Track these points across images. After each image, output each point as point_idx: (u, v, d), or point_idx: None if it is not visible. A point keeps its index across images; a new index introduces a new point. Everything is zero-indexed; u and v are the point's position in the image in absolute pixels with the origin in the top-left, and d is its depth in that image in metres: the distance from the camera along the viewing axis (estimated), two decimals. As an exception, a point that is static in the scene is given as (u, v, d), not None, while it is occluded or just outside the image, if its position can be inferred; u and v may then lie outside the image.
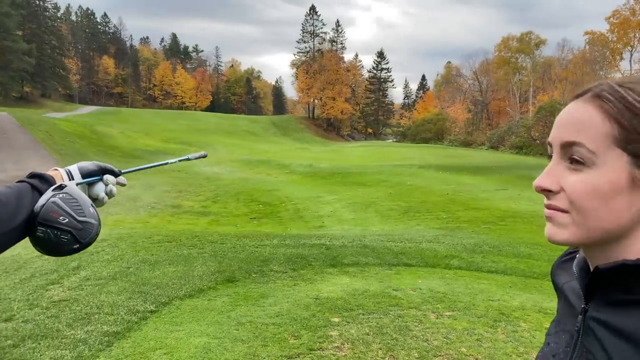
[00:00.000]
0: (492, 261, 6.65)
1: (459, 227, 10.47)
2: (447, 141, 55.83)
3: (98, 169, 1.12)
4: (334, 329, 4.32)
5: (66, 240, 0.93)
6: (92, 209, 1.00)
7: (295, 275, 5.91)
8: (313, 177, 23.38)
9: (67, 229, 0.93)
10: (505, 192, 16.00)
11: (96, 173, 1.12)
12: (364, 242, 7.63)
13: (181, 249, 6.97)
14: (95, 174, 1.12)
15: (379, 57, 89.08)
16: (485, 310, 4.83)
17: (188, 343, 4.01)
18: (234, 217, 14.37)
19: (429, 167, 24.00)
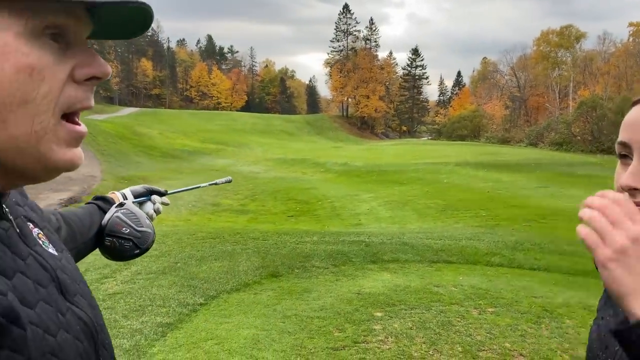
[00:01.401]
0: (534, 258, 6.60)
1: (499, 225, 10.38)
2: (484, 138, 54.89)
3: (146, 191, 1.37)
4: (377, 323, 4.42)
5: (128, 247, 1.12)
6: (147, 220, 1.19)
7: (337, 271, 6.03)
8: (348, 175, 23.46)
9: (128, 238, 1.12)
10: (546, 190, 15.70)
11: (145, 194, 1.34)
12: (403, 239, 7.68)
13: (225, 245, 7.19)
14: (144, 194, 1.33)
15: (414, 54, 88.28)
16: (528, 306, 4.83)
17: (237, 334, 4.18)
18: (272, 215, 14.62)
19: (466, 164, 23.73)
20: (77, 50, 0.61)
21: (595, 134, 39.10)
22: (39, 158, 0.60)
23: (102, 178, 21.09)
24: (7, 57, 0.55)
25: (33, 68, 0.57)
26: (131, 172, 23.63)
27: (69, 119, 0.61)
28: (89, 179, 19.49)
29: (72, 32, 0.60)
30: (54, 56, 0.58)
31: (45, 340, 0.59)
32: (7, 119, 0.57)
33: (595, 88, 55.51)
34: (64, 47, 0.60)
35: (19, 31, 0.56)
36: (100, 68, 0.62)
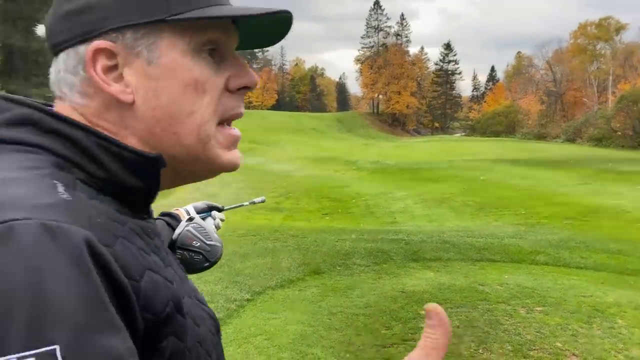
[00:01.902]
0: (580, 257, 6.47)
1: (539, 223, 10.18)
2: (519, 134, 53.73)
3: (207, 207, 1.45)
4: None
5: (198, 260, 1.16)
6: (216, 235, 1.24)
7: (378, 269, 6.04)
8: (381, 173, 23.34)
9: (199, 251, 1.15)
10: (587, 187, 15.29)
11: (206, 210, 1.41)
12: (443, 237, 7.63)
13: (266, 242, 7.29)
14: (205, 210, 1.40)
15: (446, 49, 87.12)
16: (577, 306, 4.74)
17: (285, 330, 4.24)
18: (306, 212, 14.68)
19: (502, 161, 23.31)
20: (230, 62, 0.67)
21: (636, 128, 37.80)
22: (207, 162, 0.66)
23: (140, 176, 21.58)
24: (175, 74, 0.62)
25: (197, 82, 0.62)
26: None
27: (224, 126, 0.67)
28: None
29: (225, 46, 0.66)
30: (212, 69, 0.64)
31: (195, 330, 0.62)
32: (178, 131, 0.63)
33: (636, 82, 53.62)
34: (219, 60, 0.65)
35: (183, 49, 0.62)
36: (250, 78, 0.67)
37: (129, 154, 0.60)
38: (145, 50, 0.61)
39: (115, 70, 0.61)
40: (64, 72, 0.62)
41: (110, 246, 0.50)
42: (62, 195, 0.52)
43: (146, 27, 0.60)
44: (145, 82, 0.61)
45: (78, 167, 0.58)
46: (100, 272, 0.47)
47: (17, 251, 0.44)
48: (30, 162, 0.55)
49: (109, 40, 0.60)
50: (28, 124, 0.59)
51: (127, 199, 0.61)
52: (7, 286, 0.42)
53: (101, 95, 0.62)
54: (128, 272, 0.51)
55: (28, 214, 0.46)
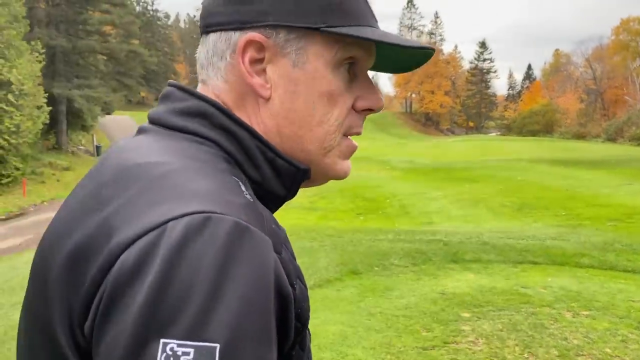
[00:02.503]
0: (628, 260, 6.24)
1: (581, 225, 9.88)
2: (557, 133, 52.33)
3: None
4: (466, 324, 4.34)
5: None
6: None
7: (417, 270, 5.97)
8: (415, 173, 23.12)
9: None
10: (631, 187, 14.76)
11: None
12: (482, 238, 7.49)
13: (302, 242, 7.31)
14: None
15: (481, 46, 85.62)
16: (627, 311, 4.58)
17: (325, 330, 4.24)
18: (341, 212, 14.67)
19: (540, 161, 22.75)
20: (361, 82, 0.68)
21: (683, 127, 36.29)
22: (323, 168, 0.67)
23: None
24: (315, 82, 0.63)
25: (332, 94, 0.64)
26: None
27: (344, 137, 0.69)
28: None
29: (361, 65, 0.67)
30: (346, 85, 0.65)
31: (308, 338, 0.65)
32: (304, 135, 0.64)
33: (682, 78, 51.51)
34: (352, 78, 0.66)
35: (328, 60, 0.63)
36: (377, 102, 0.68)
37: (282, 162, 0.62)
38: (293, 52, 0.62)
39: (260, 63, 0.63)
40: (212, 55, 0.64)
41: (280, 253, 0.52)
42: (246, 195, 0.54)
43: (300, 31, 0.62)
44: (285, 82, 0.62)
45: (240, 166, 0.61)
46: (274, 279, 0.48)
47: (210, 243, 0.45)
48: (205, 155, 0.58)
49: (263, 35, 0.61)
50: (203, 116, 0.61)
51: (265, 202, 0.62)
52: (192, 273, 0.44)
53: (241, 84, 0.63)
54: (290, 279, 0.53)
55: (224, 210, 0.48)
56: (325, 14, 0.61)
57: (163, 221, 0.46)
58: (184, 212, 0.47)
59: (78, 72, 29.20)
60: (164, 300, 0.43)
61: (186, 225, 0.46)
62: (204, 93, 0.65)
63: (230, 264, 0.45)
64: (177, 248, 0.45)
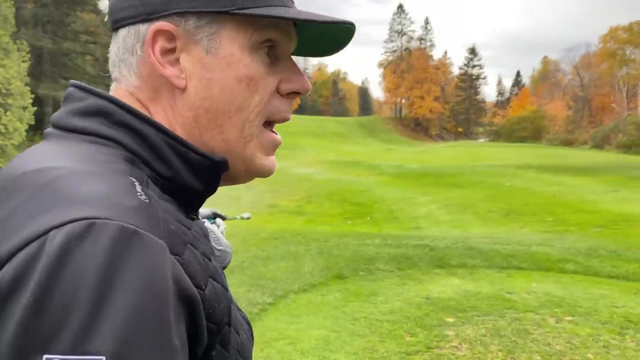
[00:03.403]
0: (612, 266, 6.28)
1: (568, 231, 9.95)
2: (545, 140, 52.86)
3: (212, 214, 1.44)
4: (450, 329, 4.33)
5: None
6: (225, 240, 1.22)
7: (403, 275, 5.96)
8: (404, 178, 23.17)
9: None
10: (616, 194, 14.92)
11: (210, 217, 1.40)
12: (469, 244, 7.50)
13: (288, 246, 7.27)
14: (210, 217, 1.39)
15: (470, 53, 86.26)
16: (609, 316, 4.59)
17: (308, 335, 4.20)
18: (328, 217, 14.65)
19: (528, 167, 22.92)
20: (284, 65, 0.65)
21: (668, 135, 36.81)
22: (244, 161, 0.65)
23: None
24: (231, 67, 0.60)
25: (251, 79, 0.61)
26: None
27: (267, 129, 0.66)
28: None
29: (282, 47, 0.65)
30: (267, 69, 0.63)
31: (236, 338, 0.61)
32: (223, 124, 0.62)
33: (667, 87, 52.26)
34: (274, 61, 0.64)
35: (243, 43, 0.61)
36: (302, 84, 0.66)
37: (195, 155, 0.60)
38: (205, 38, 0.60)
39: (172, 54, 0.60)
40: (123, 51, 0.62)
41: (180, 255, 0.50)
42: (140, 196, 0.51)
43: (210, 16, 0.60)
44: (200, 70, 0.60)
45: (146, 164, 0.58)
46: (172, 284, 0.46)
47: (92, 250, 0.43)
48: (104, 156, 0.55)
49: (172, 23, 0.59)
50: (102, 115, 0.59)
51: (183, 199, 0.61)
52: (74, 284, 0.41)
53: (154, 77, 0.61)
54: (196, 281, 0.50)
55: (109, 214, 0.45)
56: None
57: (43, 231, 0.44)
58: (66, 219, 0.44)
59: (65, 73, 28.98)
60: (44, 315, 0.41)
61: (67, 234, 0.43)
62: (117, 92, 0.63)
63: (116, 271, 0.42)
64: (57, 258, 0.42)
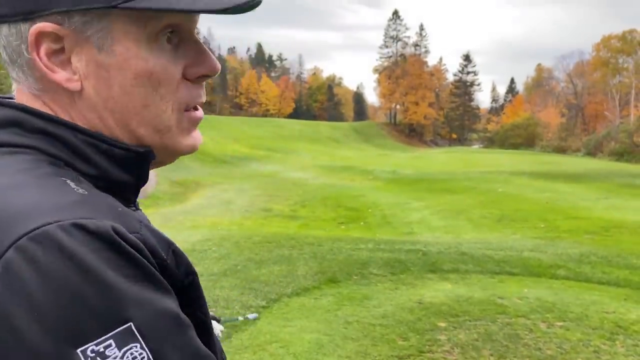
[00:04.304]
0: (602, 272, 6.33)
1: (559, 237, 10.00)
2: (538, 147, 53.14)
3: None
4: (442, 334, 4.35)
5: None
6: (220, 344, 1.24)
7: (395, 279, 5.98)
8: (397, 183, 23.23)
9: None
10: (608, 201, 15.03)
11: None
12: (461, 249, 7.54)
13: (282, 250, 7.27)
14: None
15: (465, 59, 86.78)
16: (599, 322, 4.63)
17: (301, 338, 4.21)
18: (322, 221, 14.64)
19: (521, 174, 23.04)
20: (188, 48, 0.61)
21: (659, 143, 37.14)
22: (164, 149, 0.62)
23: (157, 182, 21.76)
24: (128, 64, 0.57)
25: (151, 73, 0.58)
26: (185, 176, 24.29)
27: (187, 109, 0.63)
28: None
29: (183, 29, 0.60)
30: (169, 58, 0.59)
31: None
32: (130, 123, 0.59)
33: (659, 95, 52.76)
34: (176, 45, 0.60)
35: (138, 36, 0.57)
36: (210, 66, 0.62)
37: (119, 150, 0.58)
38: (95, 35, 0.55)
39: (62, 53, 0.56)
40: (11, 51, 0.58)
41: (137, 232, 0.51)
42: (77, 190, 0.52)
43: (97, 11, 0.55)
44: (95, 70, 0.57)
45: (69, 165, 0.56)
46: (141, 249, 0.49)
47: (60, 255, 0.45)
48: (26, 164, 0.54)
49: (55, 23, 0.55)
50: (14, 125, 0.57)
51: (118, 193, 0.59)
52: (67, 287, 0.44)
53: (49, 79, 0.57)
54: (156, 253, 0.52)
55: (56, 217, 0.47)
56: None
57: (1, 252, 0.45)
58: (17, 236, 0.45)
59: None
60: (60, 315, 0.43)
61: (24, 250, 0.45)
62: (22, 96, 0.60)
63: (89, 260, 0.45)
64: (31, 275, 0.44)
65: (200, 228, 11.51)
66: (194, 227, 11.99)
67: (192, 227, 11.47)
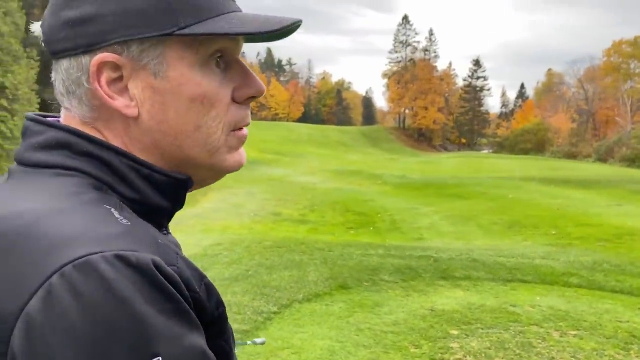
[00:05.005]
0: (616, 280, 6.28)
1: (571, 244, 9.93)
2: (549, 152, 52.78)
3: None
4: (454, 341, 4.33)
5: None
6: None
7: (406, 286, 5.96)
8: (406, 188, 23.17)
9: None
10: (620, 208, 14.89)
11: None
12: (472, 256, 7.50)
13: (292, 255, 7.28)
14: None
15: (475, 64, 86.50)
16: (614, 331, 4.59)
17: (313, 344, 4.21)
18: (331, 226, 14.64)
19: (531, 179, 22.90)
20: (235, 71, 0.64)
21: (671, 149, 36.74)
22: (211, 169, 0.65)
23: (168, 185, 21.91)
24: (182, 89, 0.60)
25: (204, 96, 0.61)
26: (195, 180, 24.40)
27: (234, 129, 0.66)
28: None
29: (231, 52, 0.64)
30: (219, 81, 0.62)
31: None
32: (183, 144, 0.62)
33: (671, 101, 52.25)
34: (225, 69, 0.63)
35: (191, 61, 0.60)
36: (257, 87, 0.65)
37: (159, 176, 0.61)
38: (151, 62, 0.59)
39: (120, 81, 0.59)
40: (69, 83, 0.61)
41: (174, 264, 0.53)
42: (121, 221, 0.53)
43: (152, 40, 0.58)
44: (151, 95, 0.59)
45: (112, 189, 0.59)
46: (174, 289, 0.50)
47: (100, 285, 0.46)
48: (74, 187, 0.56)
49: (114, 53, 0.58)
50: (63, 147, 0.59)
51: (154, 217, 0.61)
52: (104, 317, 0.45)
53: (106, 107, 0.60)
54: (191, 286, 0.53)
55: (100, 247, 0.48)
56: (176, 16, 0.57)
57: (46, 278, 0.47)
58: (62, 262, 0.47)
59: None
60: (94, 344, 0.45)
61: (68, 277, 0.46)
62: (70, 122, 0.62)
63: (128, 292, 0.46)
64: (72, 303, 0.45)
65: (210, 232, 11.57)
66: (205, 230, 12.04)
67: (203, 231, 11.52)
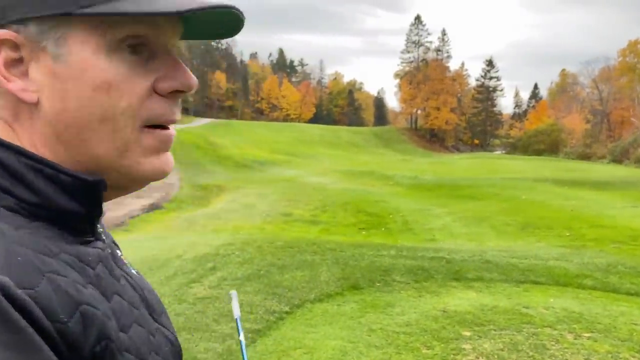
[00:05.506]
0: (630, 283, 6.20)
1: (585, 246, 9.83)
2: (562, 153, 52.28)
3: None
4: (467, 343, 4.31)
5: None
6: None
7: (419, 287, 5.95)
8: (418, 189, 23.09)
9: None
10: (635, 210, 14.70)
11: None
12: (485, 257, 7.46)
13: (304, 255, 7.29)
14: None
15: (488, 65, 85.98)
16: (629, 334, 4.54)
17: (325, 345, 4.22)
18: (343, 226, 14.64)
19: (545, 180, 22.70)
20: (161, 62, 0.58)
21: (688, 150, 36.18)
22: (124, 172, 0.58)
23: (180, 186, 22.07)
24: (86, 74, 0.54)
25: (110, 84, 0.54)
26: (207, 180, 24.56)
27: (152, 128, 0.59)
28: (168, 187, 20.46)
29: (155, 42, 0.57)
30: (133, 70, 0.56)
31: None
32: (88, 138, 0.55)
33: (688, 101, 51.46)
34: (147, 58, 0.57)
35: (97, 45, 0.54)
36: (184, 81, 0.58)
37: (65, 177, 0.54)
38: (52, 44, 0.53)
39: (20, 64, 0.54)
40: None
41: (33, 287, 0.46)
42: None
43: (53, 20, 0.53)
44: (51, 81, 0.54)
45: (6, 192, 0.53)
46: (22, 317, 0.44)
47: None
48: None
49: (12, 30, 0.53)
50: None
51: (66, 223, 0.55)
52: None
53: (6, 93, 0.55)
54: (53, 314, 0.47)
55: None
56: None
57: None
58: None
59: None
60: None
61: None
62: None
63: None
64: None
65: (222, 232, 11.64)
66: (217, 231, 12.12)
67: (215, 231, 11.60)
